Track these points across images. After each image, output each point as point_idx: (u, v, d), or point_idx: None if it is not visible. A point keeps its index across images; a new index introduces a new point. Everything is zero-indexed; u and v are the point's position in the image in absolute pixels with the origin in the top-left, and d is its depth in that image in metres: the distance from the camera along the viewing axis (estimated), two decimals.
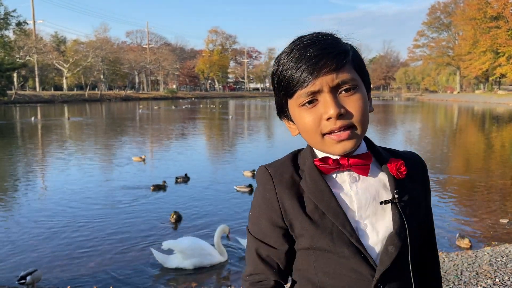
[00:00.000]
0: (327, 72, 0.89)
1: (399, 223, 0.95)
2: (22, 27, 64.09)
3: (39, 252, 5.73)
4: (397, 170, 0.98)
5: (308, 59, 0.89)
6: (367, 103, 0.95)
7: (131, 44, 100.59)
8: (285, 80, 0.93)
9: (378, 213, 0.98)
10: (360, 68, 0.96)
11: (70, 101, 55.29)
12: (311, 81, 0.90)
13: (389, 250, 0.94)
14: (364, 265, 0.94)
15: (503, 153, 15.23)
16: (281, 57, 0.95)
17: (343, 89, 0.91)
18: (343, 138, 0.92)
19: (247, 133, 22.13)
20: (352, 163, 0.96)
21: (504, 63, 60.02)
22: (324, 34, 0.95)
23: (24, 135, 20.72)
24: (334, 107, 0.89)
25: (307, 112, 0.93)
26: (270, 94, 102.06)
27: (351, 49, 0.95)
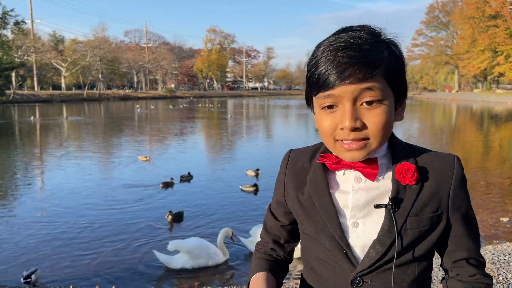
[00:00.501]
0: (352, 82, 0.88)
1: (385, 230, 0.96)
2: (20, 26, 63.92)
3: (40, 252, 5.72)
4: (402, 175, 0.97)
5: (337, 65, 0.88)
6: (390, 117, 0.93)
7: (130, 43, 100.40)
8: (312, 77, 0.93)
9: (374, 216, 0.98)
10: (394, 77, 0.93)
11: (69, 100, 55.18)
12: (334, 88, 0.89)
13: (370, 253, 0.97)
14: (345, 260, 0.99)
15: (501, 152, 15.27)
16: (317, 52, 0.93)
17: (365, 101, 0.90)
18: (353, 148, 0.92)
19: (248, 133, 22.13)
20: (357, 165, 0.97)
21: (502, 62, 60.11)
22: (363, 37, 0.91)
23: (24, 135, 20.68)
24: (350, 120, 0.89)
25: (325, 116, 0.94)
26: (268, 93, 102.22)
27: (388, 56, 0.92)
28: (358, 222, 0.99)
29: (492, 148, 16.28)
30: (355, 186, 1.00)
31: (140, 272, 5.17)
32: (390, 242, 0.95)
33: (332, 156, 1.00)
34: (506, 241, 5.70)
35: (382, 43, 0.93)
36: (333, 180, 1.03)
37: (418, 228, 0.97)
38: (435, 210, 0.98)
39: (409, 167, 0.97)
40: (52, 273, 5.09)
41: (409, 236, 0.96)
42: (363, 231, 0.99)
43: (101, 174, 11.18)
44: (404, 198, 0.97)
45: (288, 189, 1.09)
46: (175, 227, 6.71)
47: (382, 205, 0.96)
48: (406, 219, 0.96)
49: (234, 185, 9.28)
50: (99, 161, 13.19)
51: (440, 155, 1.02)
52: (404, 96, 0.99)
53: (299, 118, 31.84)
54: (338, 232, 0.98)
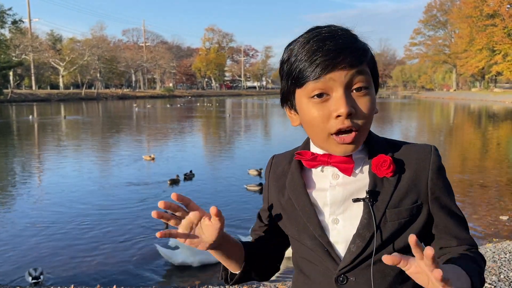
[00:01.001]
0: (344, 68, 0.87)
1: (364, 224, 0.95)
2: (18, 25, 63.82)
3: (41, 251, 5.71)
4: (378, 167, 0.96)
5: (326, 52, 0.86)
6: (374, 105, 0.93)
7: (128, 42, 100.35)
8: (297, 70, 0.90)
9: (353, 211, 0.97)
10: (374, 69, 0.94)
11: (67, 99, 55.07)
12: (326, 75, 0.87)
13: (351, 248, 0.95)
14: (328, 258, 0.98)
15: (499, 150, 15.31)
16: (294, 46, 0.92)
17: (356, 87, 0.89)
18: (346, 141, 0.91)
19: (248, 132, 22.12)
20: (333, 161, 0.96)
21: (500, 61, 60.21)
22: (343, 29, 0.92)
23: (23, 134, 20.63)
24: (346, 105, 0.87)
25: (315, 106, 0.91)
26: (267, 92, 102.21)
27: (368, 47, 0.93)
28: (338, 218, 0.98)
29: (490, 147, 16.32)
30: (333, 183, 0.99)
31: (141, 271, 5.17)
32: (370, 236, 0.94)
33: (308, 152, 1.01)
34: (506, 240, 5.71)
35: (357, 37, 0.94)
36: (310, 179, 1.03)
37: (398, 220, 0.95)
38: (414, 201, 0.97)
39: (384, 159, 0.96)
40: (54, 273, 5.08)
41: (389, 229, 0.95)
42: (344, 226, 0.98)
43: (102, 173, 11.16)
44: (382, 191, 0.96)
45: (270, 195, 1.10)
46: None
47: (359, 199, 0.96)
48: (384, 212, 0.95)
49: (236, 183, 9.32)
50: (100, 161, 13.17)
51: (416, 146, 1.02)
52: (377, 89, 0.98)
53: None
54: (318, 231, 0.98)
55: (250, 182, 9.19)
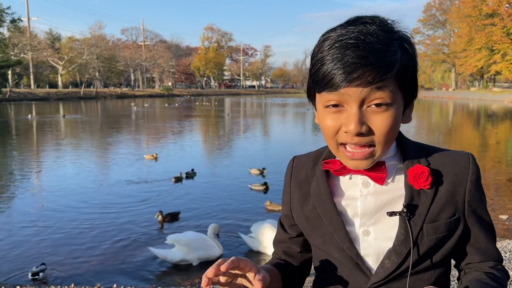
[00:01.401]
0: (360, 84, 0.81)
1: (401, 240, 0.90)
2: (17, 24, 63.67)
3: (42, 250, 5.71)
4: (416, 179, 0.90)
5: (345, 65, 0.80)
6: (397, 120, 0.86)
7: (126, 41, 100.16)
8: (317, 74, 0.85)
9: (386, 222, 0.92)
10: (406, 79, 0.86)
11: (65, 98, 54.98)
12: (340, 89, 0.82)
13: (385, 264, 0.91)
14: (358, 271, 0.94)
15: (498, 150, 15.34)
16: (323, 46, 0.85)
17: (374, 103, 0.83)
18: (357, 158, 0.87)
19: (247, 131, 22.11)
20: (364, 171, 0.91)
21: (499, 60, 60.30)
22: (375, 33, 0.82)
23: (23, 133, 20.59)
24: (356, 124, 0.82)
25: (329, 115, 0.87)
26: (265, 91, 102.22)
27: (401, 57, 0.84)
28: (369, 230, 0.93)
29: (489, 146, 16.34)
30: (363, 191, 0.94)
31: (141, 270, 5.17)
32: (406, 252, 0.90)
33: (336, 161, 0.94)
34: (506, 239, 5.73)
35: (395, 41, 0.85)
36: (338, 186, 0.97)
37: (435, 235, 0.91)
38: (452, 215, 0.92)
39: (422, 170, 0.90)
40: (54, 271, 5.08)
41: (426, 244, 0.91)
42: (375, 239, 0.93)
43: (103, 172, 11.15)
44: (419, 204, 0.91)
45: (293, 202, 1.05)
46: (161, 227, 6.63)
47: (396, 213, 0.90)
48: (422, 227, 0.90)
49: (237, 182, 9.33)
50: (101, 160, 13.16)
51: (453, 155, 0.95)
52: (413, 98, 0.92)
53: (297, 116, 31.89)
54: (347, 243, 0.93)
55: (252, 181, 9.19)
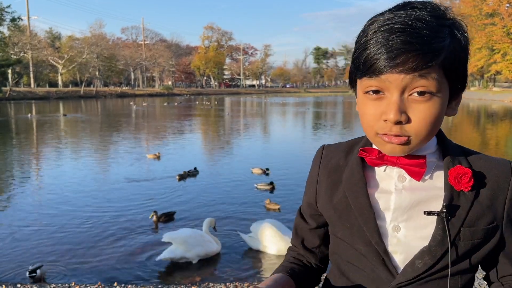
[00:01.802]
0: (403, 71, 0.77)
1: (437, 241, 0.87)
2: (17, 23, 63.69)
3: (42, 249, 5.72)
4: (457, 180, 0.87)
5: (388, 50, 0.77)
6: (440, 112, 0.83)
7: (127, 40, 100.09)
8: (359, 59, 0.82)
9: (418, 221, 0.89)
10: (453, 68, 0.82)
11: (65, 97, 54.99)
12: (382, 74, 0.79)
13: (416, 264, 0.88)
14: (382, 268, 0.91)
15: (498, 150, 15.35)
16: (368, 30, 0.82)
17: (416, 91, 0.80)
18: (394, 142, 0.83)
19: (248, 131, 22.13)
20: (402, 162, 0.88)
21: (499, 60, 60.29)
22: (424, 19, 0.79)
23: (23, 132, 20.61)
24: (395, 112, 0.80)
25: (369, 102, 0.84)
26: (266, 91, 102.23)
27: (450, 44, 0.80)
28: (400, 226, 0.90)
29: (489, 146, 16.37)
30: (399, 185, 0.91)
31: (142, 268, 5.19)
32: (441, 254, 0.87)
33: (374, 150, 0.91)
34: None
35: (445, 27, 0.81)
36: (373, 178, 0.94)
37: (471, 240, 0.88)
38: (491, 222, 0.89)
39: (465, 171, 0.87)
40: (55, 270, 5.10)
41: (461, 249, 0.88)
42: (405, 236, 0.90)
43: (104, 171, 11.17)
44: (458, 206, 0.87)
45: (320, 190, 1.01)
46: (155, 227, 6.56)
47: (434, 212, 0.87)
48: (459, 230, 0.87)
49: (239, 181, 9.36)
50: (103, 159, 13.18)
51: (495, 161, 0.93)
52: (462, 89, 0.88)
53: (297, 115, 31.91)
54: (375, 237, 0.90)
55: (255, 181, 9.22)
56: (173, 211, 7.04)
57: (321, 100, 60.24)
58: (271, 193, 8.45)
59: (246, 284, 4.41)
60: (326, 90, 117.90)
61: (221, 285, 4.42)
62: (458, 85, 0.86)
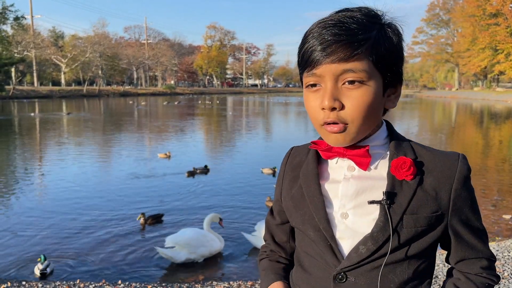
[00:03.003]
0: (333, 61, 0.85)
1: (380, 227, 0.90)
2: (20, 21, 63.77)
3: (47, 246, 5.73)
4: (398, 169, 0.91)
5: (320, 43, 0.86)
6: (373, 100, 0.89)
7: (129, 39, 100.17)
8: (300, 54, 0.91)
9: (365, 209, 0.93)
10: (381, 59, 0.88)
11: (68, 96, 55.08)
12: (316, 66, 0.87)
13: (360, 249, 0.92)
14: (330, 254, 0.94)
15: (502, 150, 15.30)
16: (310, 28, 0.91)
17: (347, 80, 0.87)
18: (335, 131, 0.89)
19: (252, 130, 22.12)
20: (349, 153, 0.93)
21: (503, 60, 60.10)
22: (355, 17, 0.88)
23: (27, 131, 20.66)
24: (329, 99, 0.86)
25: (310, 95, 0.92)
26: (268, 90, 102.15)
27: (376, 36, 0.88)
28: (348, 213, 0.94)
29: (493, 146, 16.31)
30: (347, 175, 0.96)
31: (146, 267, 5.19)
32: (383, 240, 0.90)
33: (323, 142, 0.97)
34: (509, 238, 5.73)
35: (376, 25, 0.90)
36: (326, 170, 1.00)
37: (414, 228, 0.91)
38: (435, 211, 0.92)
39: (404, 160, 0.92)
40: (59, 268, 5.11)
41: (404, 235, 0.91)
42: (352, 223, 0.94)
43: (111, 170, 11.19)
44: (400, 194, 0.91)
45: (284, 184, 1.08)
46: (143, 228, 6.47)
47: (376, 201, 0.91)
48: (402, 217, 0.90)
49: (244, 180, 9.39)
50: (108, 157, 13.20)
51: (443, 153, 0.96)
52: (397, 82, 0.94)
53: (300, 115, 31.89)
54: (323, 223, 0.94)
55: (264, 181, 9.28)
56: (161, 213, 6.83)
57: None
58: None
59: (249, 283, 4.41)
60: None
61: (224, 284, 4.42)
62: (391, 76, 0.91)
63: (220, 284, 4.38)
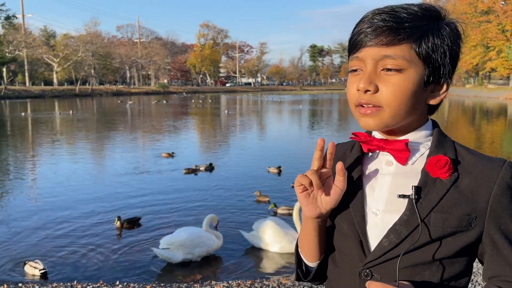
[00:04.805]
0: (376, 44, 0.87)
1: (403, 220, 0.89)
2: (11, 21, 63.28)
3: (43, 248, 5.71)
4: (433, 166, 0.90)
5: (369, 27, 0.88)
6: (410, 89, 0.88)
7: (122, 38, 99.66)
8: (351, 36, 0.93)
9: (396, 204, 0.91)
10: (429, 51, 0.88)
11: (61, 96, 54.64)
12: (359, 49, 0.90)
13: (383, 243, 0.90)
14: (359, 249, 0.94)
15: (493, 147, 15.44)
16: (365, 14, 0.92)
17: (385, 67, 0.88)
18: (366, 113, 0.91)
19: (250, 132, 22.12)
20: (388, 146, 0.94)
21: (494, 57, 60.58)
22: (410, 8, 0.89)
23: (19, 131, 20.50)
24: (364, 81, 0.88)
25: (351, 79, 0.93)
26: (262, 88, 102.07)
27: (426, 28, 0.88)
28: (380, 209, 0.93)
29: (484, 143, 16.45)
30: (384, 170, 0.95)
31: (144, 267, 5.18)
32: (406, 233, 0.88)
33: (364, 134, 0.99)
34: None
35: (431, 18, 0.90)
36: (366, 163, 1.00)
37: (442, 227, 0.88)
38: (468, 213, 0.88)
39: (440, 158, 0.90)
40: (56, 269, 5.09)
41: (431, 234, 0.88)
42: (382, 218, 0.92)
43: (108, 170, 11.15)
44: (431, 191, 0.89)
45: None
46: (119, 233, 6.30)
47: (404, 195, 0.90)
48: (429, 213, 0.88)
49: (244, 180, 9.41)
50: (103, 156, 13.14)
51: (487, 157, 0.93)
52: (444, 80, 0.92)
53: (294, 113, 31.94)
54: (358, 217, 0.94)
55: (266, 180, 9.31)
56: (138, 217, 6.67)
57: (317, 98, 60.28)
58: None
59: (249, 282, 4.42)
60: (322, 88, 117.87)
61: (224, 283, 4.42)
62: (437, 73, 0.90)
63: (219, 284, 4.39)
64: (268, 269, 5.31)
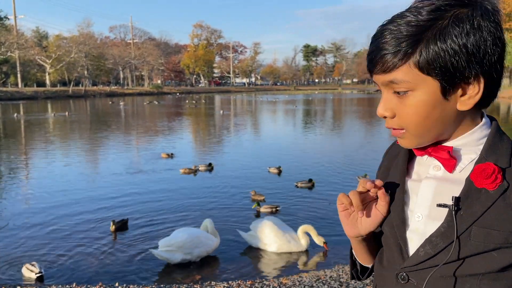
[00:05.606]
0: (378, 72, 0.85)
1: (440, 232, 0.85)
2: (3, 22, 62.78)
3: (42, 250, 5.68)
4: (477, 175, 0.83)
5: (371, 51, 0.86)
6: (423, 106, 0.83)
7: (115, 39, 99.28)
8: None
9: (438, 212, 0.87)
10: (435, 61, 0.79)
11: (54, 97, 54.27)
12: (371, 74, 0.89)
13: (419, 252, 0.88)
14: (397, 251, 0.92)
15: None
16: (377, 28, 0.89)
17: (395, 91, 0.86)
18: (396, 135, 0.90)
19: (248, 132, 22.12)
20: (434, 153, 0.89)
21: None
22: (406, 18, 0.81)
23: (13, 133, 20.36)
24: (380, 108, 0.89)
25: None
26: (256, 89, 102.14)
27: (430, 36, 0.79)
28: (421, 214, 0.90)
29: None
30: (431, 174, 0.91)
31: (143, 268, 5.17)
32: (443, 246, 0.84)
33: None
34: None
35: (438, 20, 0.79)
36: (413, 166, 0.97)
37: (484, 243, 0.81)
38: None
39: (487, 166, 0.82)
40: (55, 271, 5.07)
41: (469, 248, 0.82)
42: (424, 224, 0.89)
43: (106, 171, 11.10)
44: (474, 202, 0.82)
45: (380, 171, 1.07)
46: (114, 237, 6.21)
47: (444, 205, 0.84)
48: (470, 227, 0.82)
49: (240, 181, 9.41)
50: (97, 157, 13.08)
51: None
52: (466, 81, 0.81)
53: (288, 113, 32.00)
54: (397, 221, 0.92)
55: (266, 180, 9.29)
56: (126, 219, 6.63)
57: (311, 98, 60.40)
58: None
59: (249, 282, 4.43)
60: (316, 87, 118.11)
61: (224, 283, 4.43)
62: (453, 78, 0.81)
63: (219, 284, 4.39)
64: (267, 269, 5.32)
